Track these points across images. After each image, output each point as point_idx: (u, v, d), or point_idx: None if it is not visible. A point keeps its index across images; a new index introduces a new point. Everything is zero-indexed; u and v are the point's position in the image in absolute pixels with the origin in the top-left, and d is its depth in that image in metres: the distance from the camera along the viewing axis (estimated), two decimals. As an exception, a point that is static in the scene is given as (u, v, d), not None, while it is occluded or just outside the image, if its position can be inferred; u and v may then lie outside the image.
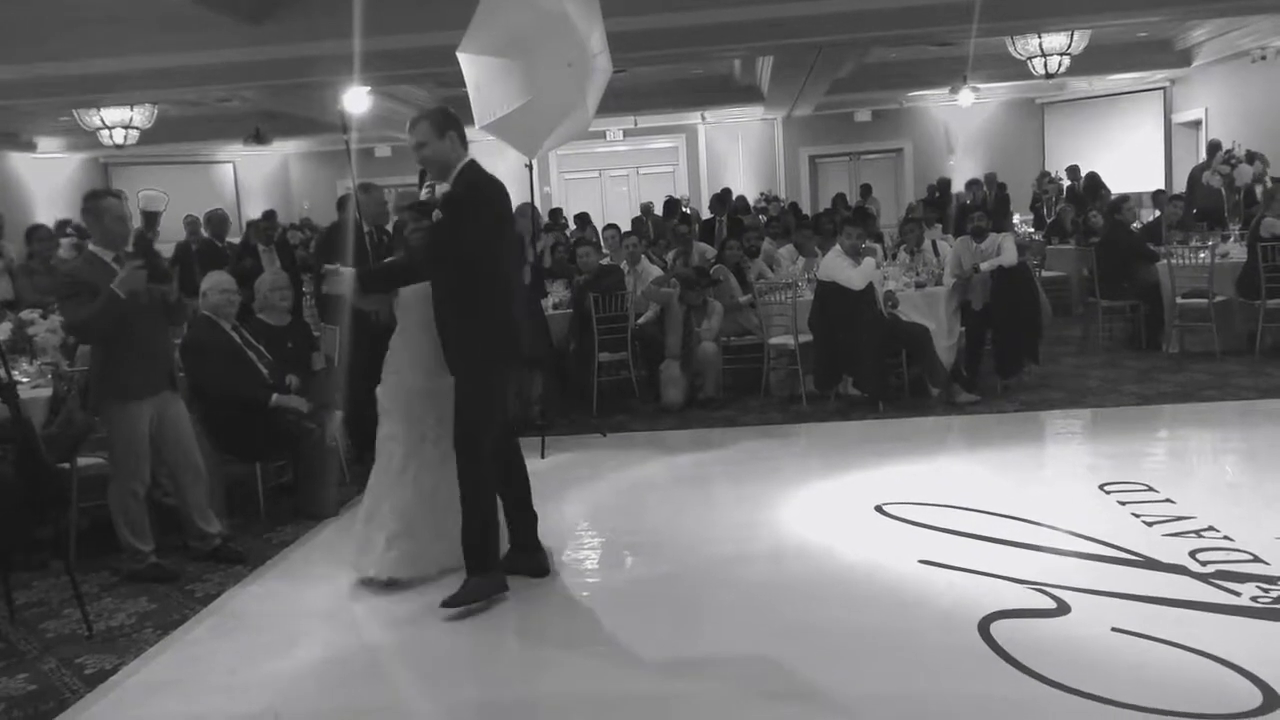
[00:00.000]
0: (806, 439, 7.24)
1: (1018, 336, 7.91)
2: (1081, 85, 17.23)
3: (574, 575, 4.78)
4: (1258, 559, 4.34)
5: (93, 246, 5.03)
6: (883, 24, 9.62)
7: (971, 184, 15.55)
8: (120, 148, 12.99)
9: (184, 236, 12.07)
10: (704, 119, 19.09)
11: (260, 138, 15.88)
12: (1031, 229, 14.28)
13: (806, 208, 17.28)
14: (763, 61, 14.06)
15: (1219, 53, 14.66)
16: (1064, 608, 4.01)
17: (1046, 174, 16.33)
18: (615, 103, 12.48)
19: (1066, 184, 15.33)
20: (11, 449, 5.08)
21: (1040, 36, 11.46)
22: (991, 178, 15.77)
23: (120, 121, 12.37)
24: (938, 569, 4.51)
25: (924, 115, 19.01)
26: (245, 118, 15.63)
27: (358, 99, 11.75)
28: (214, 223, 11.41)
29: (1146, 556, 4.46)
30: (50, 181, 16.91)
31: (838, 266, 7.60)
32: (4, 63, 9.60)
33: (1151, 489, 5.39)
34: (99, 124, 12.40)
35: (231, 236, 12.43)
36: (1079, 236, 11.43)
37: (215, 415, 5.67)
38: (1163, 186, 15.30)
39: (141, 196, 5.00)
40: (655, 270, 8.88)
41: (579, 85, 5.26)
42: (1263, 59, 13.88)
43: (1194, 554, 4.43)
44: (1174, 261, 8.91)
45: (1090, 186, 14.34)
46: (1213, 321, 8.65)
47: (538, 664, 3.97)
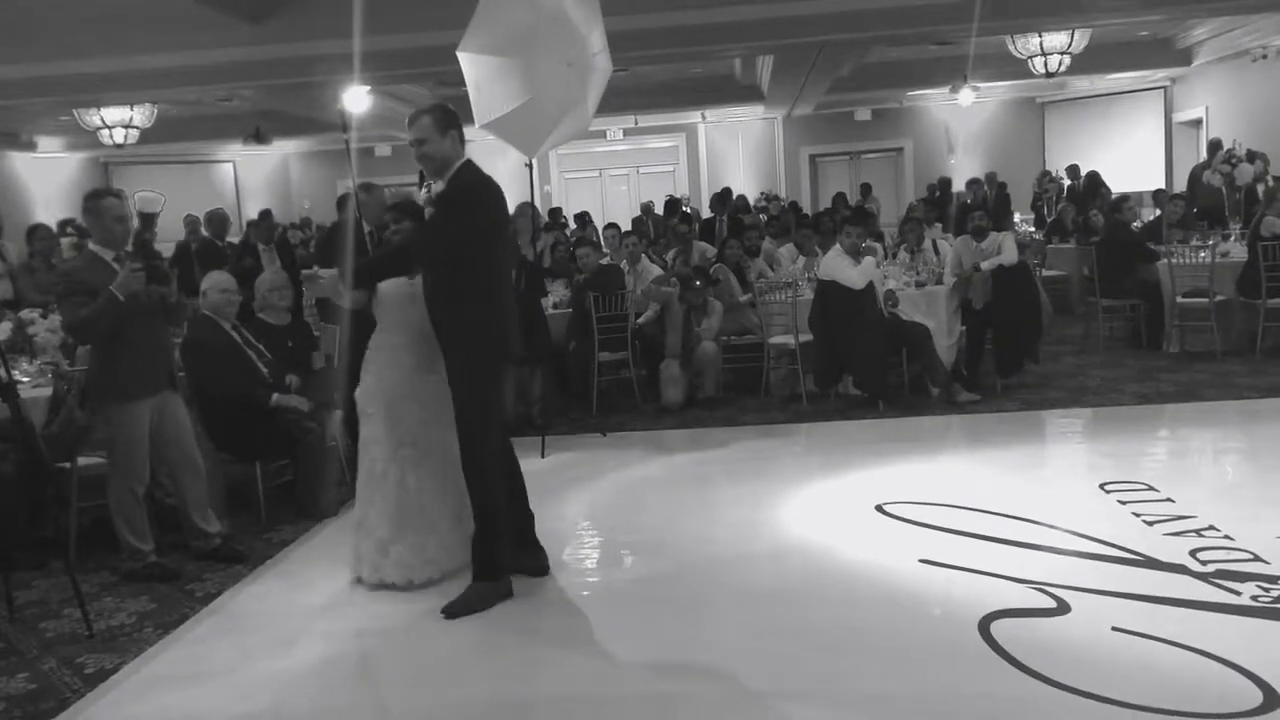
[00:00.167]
0: (807, 438, 7.24)
1: (1018, 336, 7.91)
2: (1082, 84, 17.23)
3: (574, 575, 4.77)
4: (1258, 558, 4.34)
5: (93, 246, 5.03)
6: (883, 23, 9.62)
7: (972, 183, 15.57)
8: (120, 147, 12.99)
9: (184, 236, 12.07)
10: (704, 118, 19.09)
11: (260, 137, 15.87)
12: (1032, 228, 14.28)
13: (807, 207, 17.28)
14: (763, 61, 14.05)
15: (1219, 52, 14.66)
16: (1064, 607, 4.01)
17: (1047, 173, 16.34)
18: (615, 102, 12.50)
19: (1067, 183, 15.33)
20: (12, 448, 5.09)
21: (1041, 35, 11.47)
22: (992, 177, 15.78)
23: (120, 121, 12.37)
24: (938, 568, 4.51)
25: (924, 114, 19.01)
26: (245, 117, 15.63)
27: (358, 98, 11.76)
28: (214, 222, 11.43)
29: (1147, 556, 4.46)
30: (50, 181, 16.90)
31: (838, 266, 7.60)
32: (4, 62, 9.59)
33: (1152, 488, 5.39)
34: (99, 123, 12.40)
35: (232, 236, 12.44)
36: (1079, 236, 11.43)
37: (215, 414, 5.67)
38: (1163, 185, 15.28)
39: (138, 198, 5.00)
40: (655, 270, 8.89)
41: (579, 84, 5.27)
42: (1263, 58, 13.86)
43: (1194, 553, 4.43)
44: (1174, 261, 8.92)
45: (1090, 185, 14.33)
46: (1213, 321, 8.65)
47: (537, 663, 3.97)
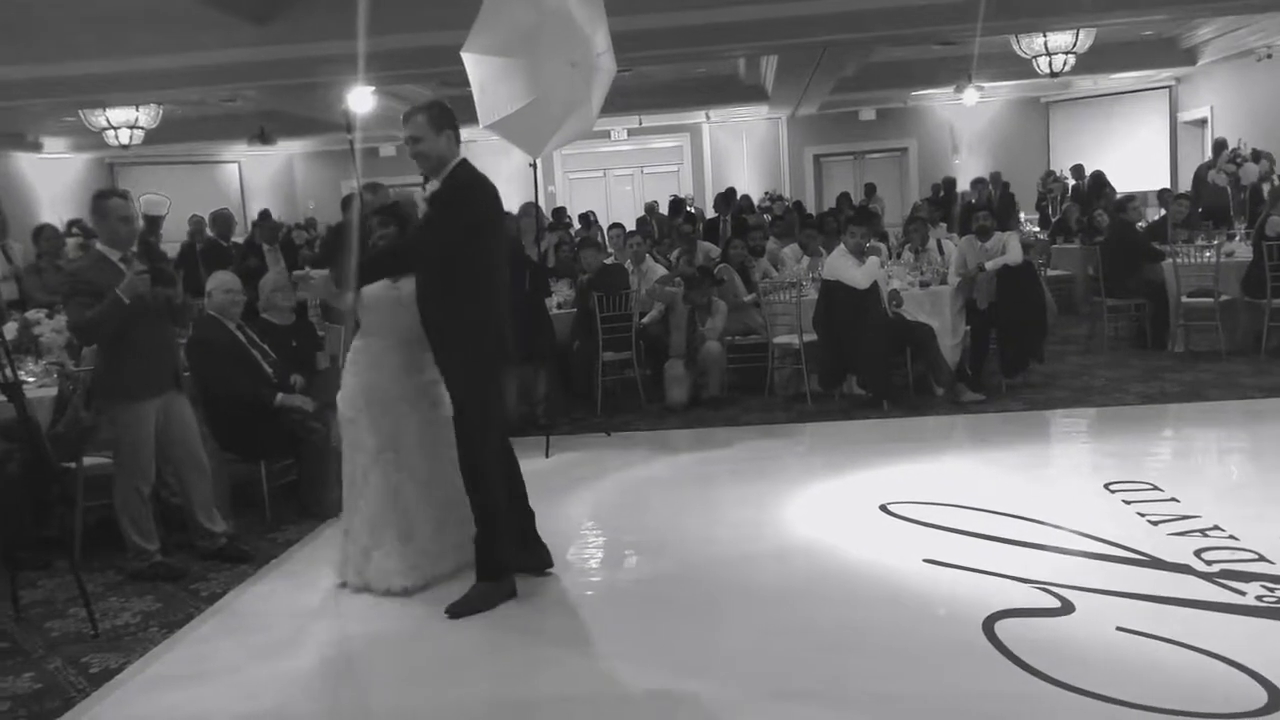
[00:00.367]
0: (811, 438, 7.24)
1: (1022, 336, 7.90)
2: (1087, 84, 17.21)
3: (577, 574, 4.78)
4: (1263, 558, 4.33)
5: (99, 246, 5.04)
6: (887, 23, 9.61)
7: (976, 183, 15.56)
8: (126, 148, 13.01)
9: (188, 237, 12.09)
10: (708, 118, 19.08)
11: (265, 138, 15.88)
12: (1036, 228, 14.26)
13: (811, 207, 17.27)
14: (767, 61, 14.05)
15: (1224, 51, 14.63)
16: (1069, 607, 4.01)
17: (1051, 173, 16.33)
18: (620, 102, 12.49)
19: (1071, 183, 15.31)
20: (18, 448, 5.11)
21: (1045, 35, 11.45)
22: (996, 177, 15.76)
23: (125, 122, 12.41)
24: (942, 568, 4.51)
25: (929, 114, 18.99)
26: (250, 118, 15.64)
27: (362, 99, 11.77)
28: (219, 223, 11.44)
29: (1151, 556, 4.46)
30: (56, 182, 16.93)
31: (842, 266, 7.60)
32: (10, 63, 9.61)
33: (1157, 488, 5.38)
34: (104, 124, 12.44)
35: (236, 236, 12.45)
36: (1084, 235, 11.42)
37: (220, 414, 5.68)
38: (1168, 185, 15.26)
39: (143, 201, 5.02)
40: (660, 269, 8.89)
41: (584, 84, 5.27)
42: (1268, 57, 13.83)
43: (1199, 553, 4.43)
44: (1179, 260, 8.90)
45: (1095, 185, 14.31)
46: (1218, 320, 8.64)
47: (540, 663, 3.97)
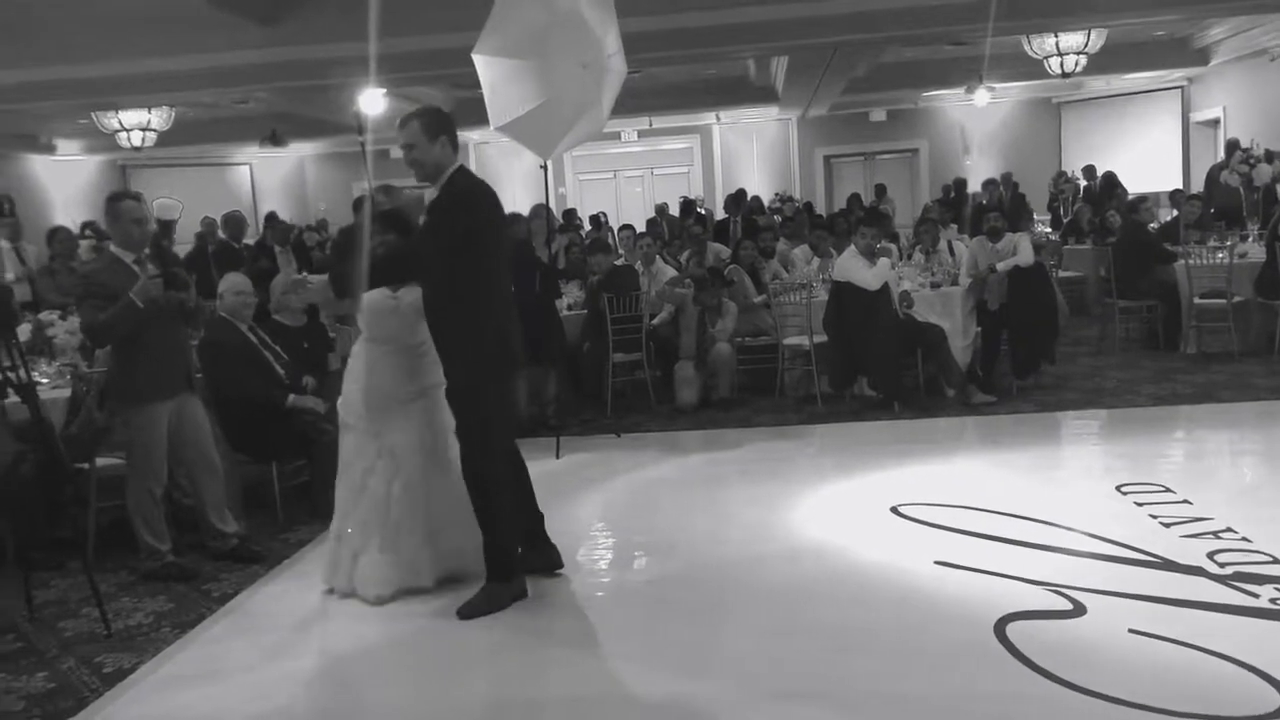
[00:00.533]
0: (821, 440, 7.23)
1: (1034, 337, 7.88)
2: (1098, 84, 17.14)
3: (587, 575, 4.78)
4: (1277, 560, 4.32)
5: (113, 248, 5.07)
6: (897, 24, 9.59)
7: (987, 184, 15.51)
8: (138, 150, 13.08)
9: (197, 240, 12.15)
10: (719, 119, 19.08)
11: (276, 140, 15.93)
12: (1048, 229, 14.22)
13: (821, 208, 17.26)
14: (777, 62, 14.04)
15: (1237, 51, 14.57)
16: (1080, 609, 4.00)
17: (1063, 173, 16.27)
18: (630, 103, 12.48)
19: (1083, 184, 15.27)
20: (31, 449, 5.13)
21: (1057, 35, 11.43)
22: (1007, 177, 15.72)
23: (138, 124, 12.47)
24: (953, 570, 4.50)
25: (939, 115, 18.96)
26: (261, 120, 15.69)
27: (373, 100, 11.80)
28: (230, 224, 11.50)
29: (1164, 558, 4.44)
30: (69, 184, 17.01)
31: (853, 267, 7.59)
32: (23, 65, 9.67)
33: (1169, 490, 5.36)
34: (117, 126, 12.50)
35: (248, 238, 12.51)
36: (1096, 236, 11.38)
37: (232, 416, 5.70)
38: (1180, 186, 15.20)
39: (156, 205, 5.05)
40: (670, 271, 8.88)
41: (594, 86, 5.29)
42: (1282, 57, 13.79)
43: (1212, 555, 4.41)
44: (1192, 261, 8.86)
45: (1107, 186, 14.27)
46: (1231, 322, 8.60)
47: (549, 663, 3.98)
